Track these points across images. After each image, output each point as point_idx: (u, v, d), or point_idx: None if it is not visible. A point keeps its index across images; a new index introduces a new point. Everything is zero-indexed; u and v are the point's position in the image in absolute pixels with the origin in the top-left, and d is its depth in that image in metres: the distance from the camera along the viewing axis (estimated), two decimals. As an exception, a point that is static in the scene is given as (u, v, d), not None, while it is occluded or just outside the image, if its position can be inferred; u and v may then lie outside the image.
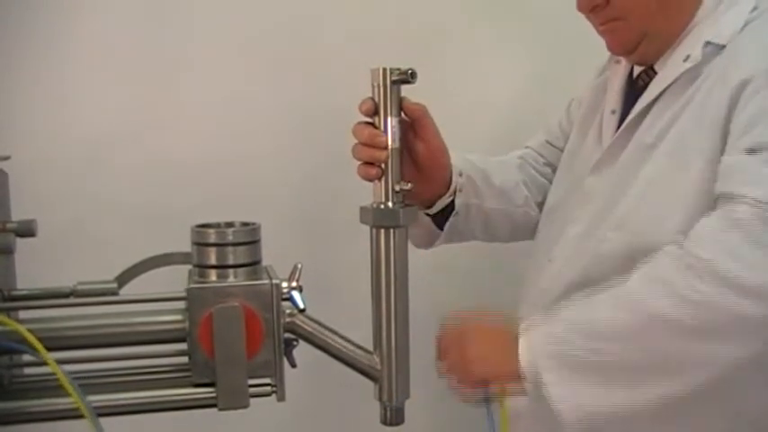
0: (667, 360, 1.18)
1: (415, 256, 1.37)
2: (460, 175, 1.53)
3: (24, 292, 1.23)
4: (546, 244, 1.55)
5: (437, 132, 1.43)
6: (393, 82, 1.27)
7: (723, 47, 1.33)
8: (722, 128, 1.27)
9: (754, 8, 1.34)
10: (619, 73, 1.54)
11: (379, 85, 1.27)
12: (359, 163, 1.29)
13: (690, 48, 1.36)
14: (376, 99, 1.28)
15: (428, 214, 1.54)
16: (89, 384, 1.19)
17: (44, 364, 1.08)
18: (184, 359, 1.21)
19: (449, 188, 1.51)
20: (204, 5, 1.86)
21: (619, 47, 1.46)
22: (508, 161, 1.69)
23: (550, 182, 1.67)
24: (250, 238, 1.21)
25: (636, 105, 1.42)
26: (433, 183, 1.49)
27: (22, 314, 1.21)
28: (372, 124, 1.29)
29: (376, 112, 1.29)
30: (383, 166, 1.27)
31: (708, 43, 1.34)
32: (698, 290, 1.14)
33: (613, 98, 1.52)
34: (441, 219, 1.55)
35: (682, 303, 1.14)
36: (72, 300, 1.20)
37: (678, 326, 1.15)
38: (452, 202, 1.53)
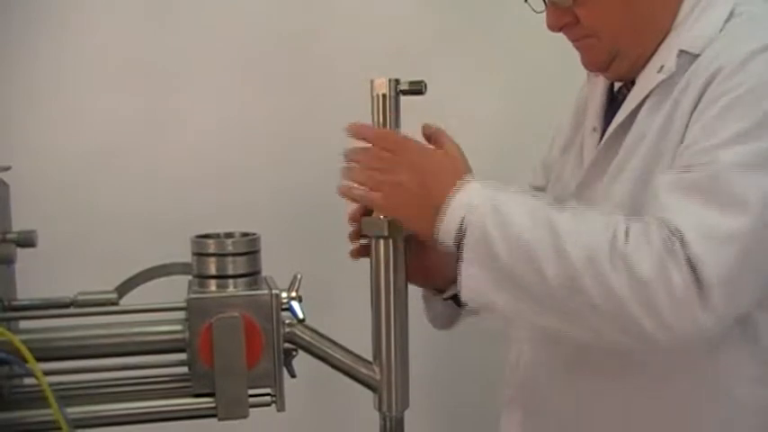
0: (566, 312, 1.15)
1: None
2: None
3: (25, 303, 1.23)
4: None
5: None
6: (402, 92, 1.27)
7: (697, 56, 1.26)
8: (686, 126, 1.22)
9: (729, 17, 1.28)
10: (598, 88, 1.47)
11: (385, 96, 1.27)
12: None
13: (664, 58, 1.30)
14: (377, 110, 1.27)
15: (444, 298, 1.48)
16: (89, 395, 1.19)
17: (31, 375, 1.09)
18: (184, 369, 1.21)
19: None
20: (203, 20, 1.87)
21: (592, 63, 1.41)
22: None
23: None
24: (250, 248, 1.21)
25: (613, 122, 1.36)
26: (442, 276, 1.43)
27: (23, 324, 1.21)
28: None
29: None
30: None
31: (682, 52, 1.28)
32: (621, 288, 1.10)
33: (594, 115, 1.45)
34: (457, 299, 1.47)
35: (601, 283, 1.10)
36: (72, 310, 1.21)
37: (587, 298, 1.11)
38: None
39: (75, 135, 1.81)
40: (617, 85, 1.45)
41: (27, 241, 1.20)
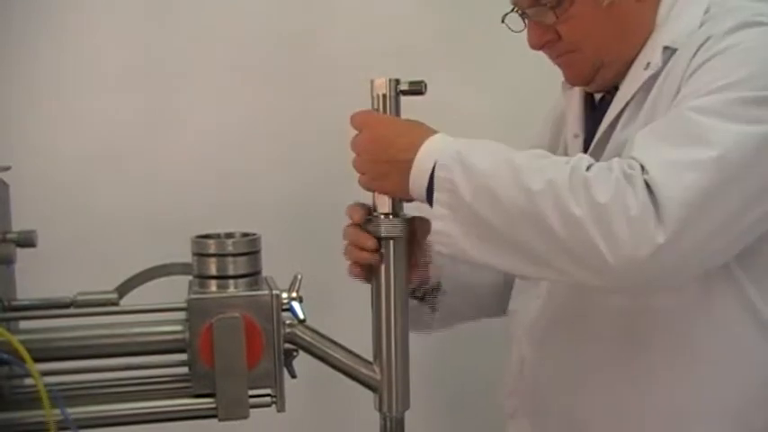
0: (528, 248, 1.14)
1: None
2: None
3: (24, 303, 1.23)
4: (533, 283, 1.49)
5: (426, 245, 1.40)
6: (402, 93, 1.27)
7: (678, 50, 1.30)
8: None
9: (706, 11, 1.31)
10: (575, 98, 1.48)
11: (385, 96, 1.27)
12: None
13: (649, 55, 1.33)
14: (377, 110, 1.27)
15: (415, 297, 1.49)
16: (89, 395, 1.19)
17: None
18: (185, 369, 1.21)
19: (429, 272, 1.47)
20: (203, 21, 1.87)
21: (577, 78, 1.43)
22: None
23: None
24: (250, 248, 1.21)
25: (601, 125, 1.38)
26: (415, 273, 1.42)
27: (23, 324, 1.21)
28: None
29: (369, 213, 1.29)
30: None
31: (666, 48, 1.30)
32: (579, 208, 1.09)
33: (574, 122, 1.46)
34: (428, 302, 1.51)
35: (560, 207, 1.10)
36: (72, 310, 1.20)
37: (547, 226, 1.11)
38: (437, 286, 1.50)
39: (76, 135, 1.81)
40: (597, 95, 1.47)
41: (27, 241, 1.20)
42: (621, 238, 1.07)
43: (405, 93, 1.27)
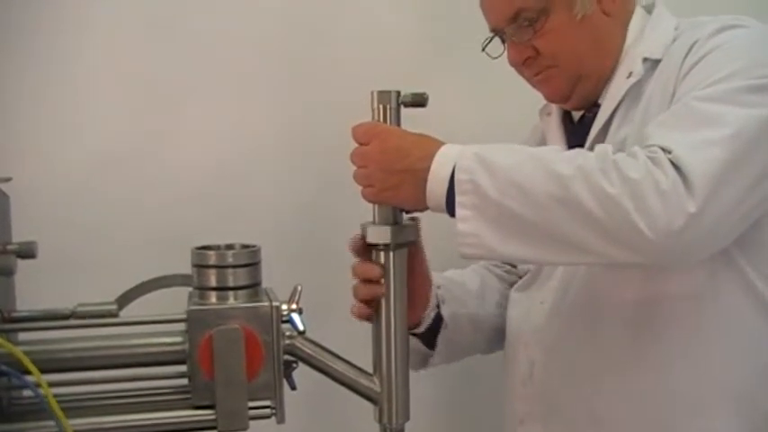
0: (560, 233, 1.17)
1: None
2: (438, 287, 1.53)
3: (24, 314, 1.23)
4: (534, 291, 1.53)
5: (425, 260, 1.43)
6: (404, 104, 1.27)
7: (659, 61, 1.38)
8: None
9: (676, 27, 1.42)
10: (552, 121, 1.56)
11: (386, 108, 1.27)
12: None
13: (629, 66, 1.41)
14: (378, 121, 1.28)
15: (415, 334, 1.50)
16: (89, 407, 1.19)
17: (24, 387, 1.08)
18: (184, 381, 1.21)
19: (429, 304, 1.49)
20: (204, 30, 1.87)
21: (556, 94, 1.49)
22: (470, 270, 1.67)
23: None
24: (250, 260, 1.21)
25: (590, 135, 1.43)
26: (416, 305, 1.45)
27: (22, 336, 1.21)
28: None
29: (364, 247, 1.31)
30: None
31: (645, 59, 1.39)
32: (612, 187, 1.14)
33: (557, 143, 1.51)
34: (430, 337, 1.53)
35: (594, 187, 1.14)
36: (72, 321, 1.20)
37: (580, 206, 1.15)
38: (438, 320, 1.52)
39: (76, 147, 1.81)
40: (576, 114, 1.53)
41: (27, 252, 1.20)
42: (656, 211, 1.12)
43: (406, 105, 1.27)
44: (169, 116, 1.86)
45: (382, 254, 1.29)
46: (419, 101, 1.26)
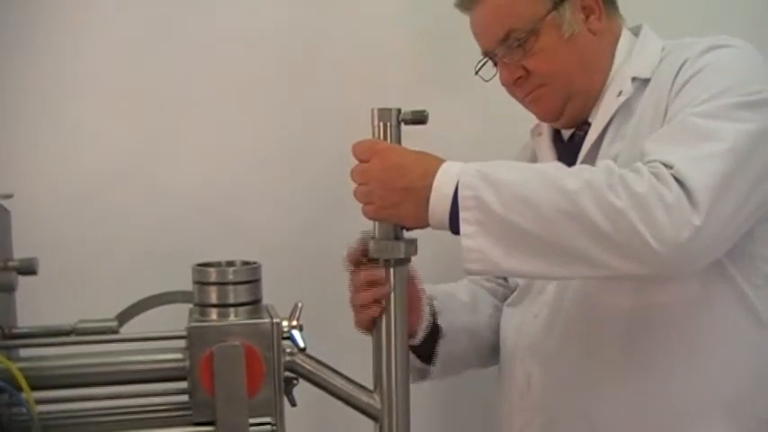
0: (566, 248, 1.19)
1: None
2: (434, 299, 1.53)
3: (25, 330, 1.23)
4: (527, 305, 1.54)
5: (415, 270, 1.42)
6: (404, 122, 1.28)
7: (648, 80, 1.43)
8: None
9: (663, 49, 1.46)
10: (543, 141, 1.59)
11: (386, 125, 1.27)
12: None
13: (619, 84, 1.46)
14: (378, 138, 1.28)
15: (410, 346, 1.47)
16: (89, 423, 1.19)
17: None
18: (185, 398, 1.21)
19: (423, 314, 1.49)
20: (204, 46, 1.87)
21: (547, 113, 1.54)
22: (460, 284, 1.68)
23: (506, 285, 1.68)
24: (251, 277, 1.21)
25: (581, 151, 1.47)
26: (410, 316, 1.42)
27: (23, 352, 1.21)
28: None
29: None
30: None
31: (634, 78, 1.44)
32: (619, 200, 1.16)
33: (548, 161, 1.53)
34: (424, 350, 1.52)
35: (601, 201, 1.17)
36: (73, 338, 1.21)
37: (588, 221, 1.17)
38: (434, 331, 1.52)
39: (76, 163, 1.81)
40: (566, 134, 1.57)
41: (28, 269, 1.21)
42: (662, 224, 1.15)
43: (407, 122, 1.27)
44: (169, 133, 1.86)
45: (382, 269, 1.29)
46: (419, 118, 1.27)
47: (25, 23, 1.79)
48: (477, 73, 1.55)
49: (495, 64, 1.53)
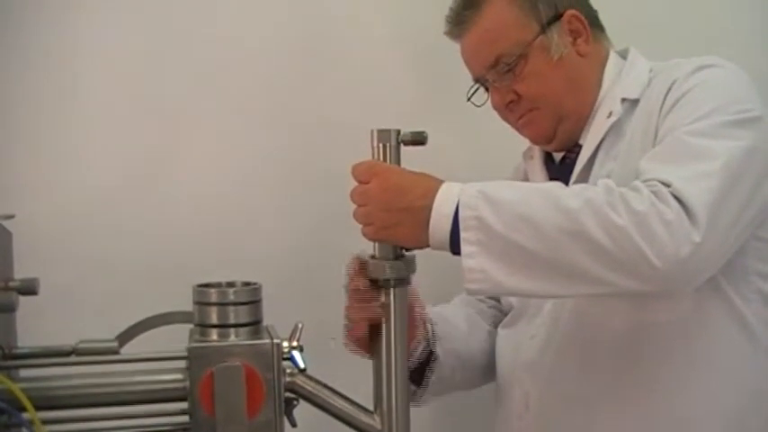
0: (568, 267, 1.20)
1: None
2: (434, 324, 1.53)
3: (25, 351, 1.23)
4: (523, 326, 1.54)
5: (415, 290, 1.40)
6: (403, 143, 1.28)
7: (637, 101, 1.45)
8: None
9: (651, 70, 1.49)
10: (536, 164, 1.61)
11: (386, 146, 1.28)
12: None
13: (609, 106, 1.48)
14: (378, 159, 1.29)
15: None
16: (90, 444, 1.19)
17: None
18: (185, 418, 1.21)
19: (417, 337, 1.48)
20: (205, 63, 1.88)
21: (539, 136, 1.56)
22: (453, 306, 1.68)
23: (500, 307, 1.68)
24: (251, 297, 1.22)
25: (574, 172, 1.49)
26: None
27: (23, 372, 1.21)
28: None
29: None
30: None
31: (624, 99, 1.46)
32: (620, 218, 1.17)
33: (540, 181, 1.55)
34: (413, 375, 1.49)
35: (603, 220, 1.18)
36: (73, 358, 1.20)
37: (590, 239, 1.17)
38: (428, 358, 1.52)
39: (77, 184, 1.81)
40: (557, 156, 1.59)
41: (29, 289, 1.21)
42: (663, 241, 1.16)
43: (406, 143, 1.28)
44: (169, 153, 1.87)
45: (383, 290, 1.29)
46: (419, 139, 1.27)
47: (23, 44, 1.81)
48: (469, 99, 1.58)
49: (487, 89, 1.55)
